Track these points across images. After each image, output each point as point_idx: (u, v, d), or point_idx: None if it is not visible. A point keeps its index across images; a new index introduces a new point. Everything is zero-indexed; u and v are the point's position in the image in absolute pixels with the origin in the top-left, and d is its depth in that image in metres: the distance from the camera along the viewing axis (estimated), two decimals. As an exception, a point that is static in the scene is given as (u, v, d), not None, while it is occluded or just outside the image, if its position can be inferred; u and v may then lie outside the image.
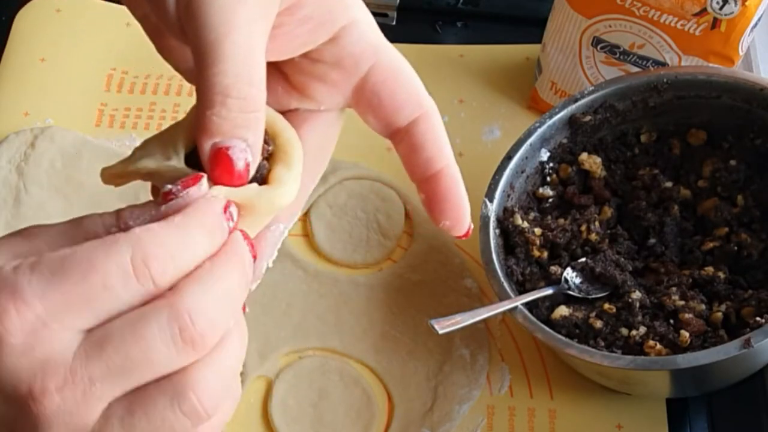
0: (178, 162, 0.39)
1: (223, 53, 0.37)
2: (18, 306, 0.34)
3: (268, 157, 0.41)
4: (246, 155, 0.38)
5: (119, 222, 0.37)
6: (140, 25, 0.43)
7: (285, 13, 0.40)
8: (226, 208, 0.38)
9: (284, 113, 0.44)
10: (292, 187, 0.41)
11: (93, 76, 0.92)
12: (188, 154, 0.40)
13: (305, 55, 0.43)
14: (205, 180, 0.38)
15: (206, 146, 0.38)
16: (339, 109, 0.45)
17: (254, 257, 0.39)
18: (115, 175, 0.41)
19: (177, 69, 0.44)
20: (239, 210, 0.39)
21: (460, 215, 0.44)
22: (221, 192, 0.39)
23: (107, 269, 0.35)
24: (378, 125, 0.44)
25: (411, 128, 0.43)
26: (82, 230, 0.37)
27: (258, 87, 0.38)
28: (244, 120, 0.38)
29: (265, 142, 0.41)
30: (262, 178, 0.40)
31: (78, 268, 0.35)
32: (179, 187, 0.37)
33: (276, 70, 0.44)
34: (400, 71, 0.43)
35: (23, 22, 0.95)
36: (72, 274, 0.35)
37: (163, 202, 0.37)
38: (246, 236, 0.39)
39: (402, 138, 0.44)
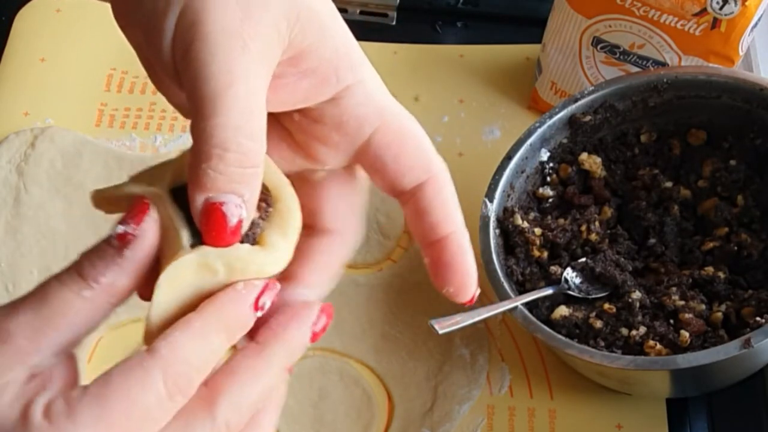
0: (161, 190, 0.38)
1: (223, 105, 0.35)
2: None
3: (266, 218, 0.39)
4: (240, 212, 0.36)
5: (88, 281, 0.36)
6: (135, 53, 0.42)
7: (287, 63, 0.39)
8: (256, 304, 0.37)
9: (294, 175, 0.42)
10: (285, 255, 0.39)
11: (93, 76, 0.92)
12: (176, 189, 0.38)
13: (306, 114, 0.41)
14: (152, 210, 0.37)
15: (198, 200, 0.36)
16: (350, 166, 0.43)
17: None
18: (104, 199, 0.40)
19: (170, 102, 0.42)
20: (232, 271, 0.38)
21: (465, 283, 0.43)
22: (212, 252, 0.37)
23: (146, 403, 0.35)
24: (384, 187, 0.42)
25: (417, 192, 0.42)
26: (55, 306, 0.36)
27: (258, 141, 0.36)
28: (242, 176, 0.36)
29: (266, 201, 0.39)
30: (254, 237, 0.38)
31: (118, 406, 0.35)
32: (132, 225, 0.36)
33: (281, 127, 0.42)
34: (407, 134, 0.41)
35: (23, 22, 0.95)
36: (114, 415, 0.35)
37: (122, 246, 0.36)
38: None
39: (407, 200, 0.42)
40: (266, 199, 0.39)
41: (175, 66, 0.37)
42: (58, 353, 0.37)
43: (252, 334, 0.39)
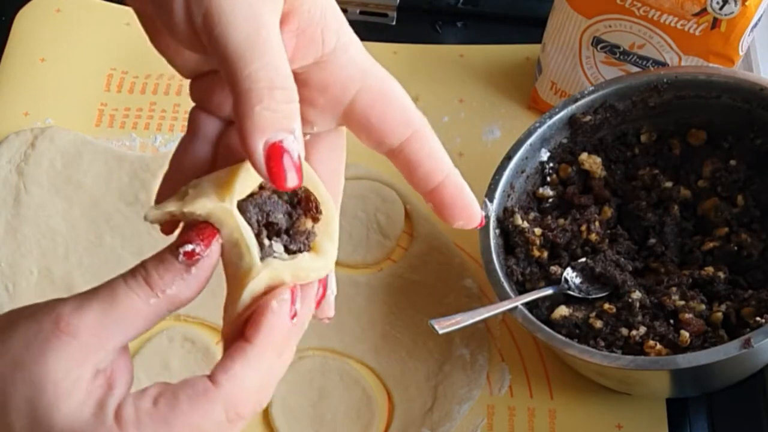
0: (230, 206, 0.40)
1: (260, 49, 0.37)
2: None
3: (317, 224, 0.42)
4: (297, 147, 0.38)
5: (155, 290, 0.39)
6: (138, 20, 0.43)
7: (281, 20, 0.40)
8: (292, 315, 0.40)
9: None
10: (333, 257, 0.42)
11: (93, 76, 0.92)
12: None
13: (293, 77, 0.42)
14: (219, 236, 0.39)
15: (259, 145, 0.37)
16: (335, 129, 0.45)
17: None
18: (167, 215, 0.41)
19: (172, 64, 0.44)
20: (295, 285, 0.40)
21: (471, 213, 0.45)
22: (279, 265, 0.40)
23: (207, 428, 0.38)
24: (371, 145, 0.44)
25: (404, 147, 0.44)
26: (122, 310, 0.39)
27: (291, 77, 0.38)
28: (291, 111, 0.38)
29: (317, 208, 0.41)
30: (308, 245, 0.41)
31: (181, 430, 0.38)
32: (201, 245, 0.39)
33: None
34: (389, 94, 0.43)
35: (23, 22, 0.95)
36: None
37: (189, 263, 0.39)
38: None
39: (397, 156, 0.44)
40: (317, 206, 0.41)
41: (193, 27, 0.38)
42: (118, 350, 0.39)
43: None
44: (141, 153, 0.87)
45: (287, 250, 0.41)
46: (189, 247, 0.39)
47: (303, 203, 0.41)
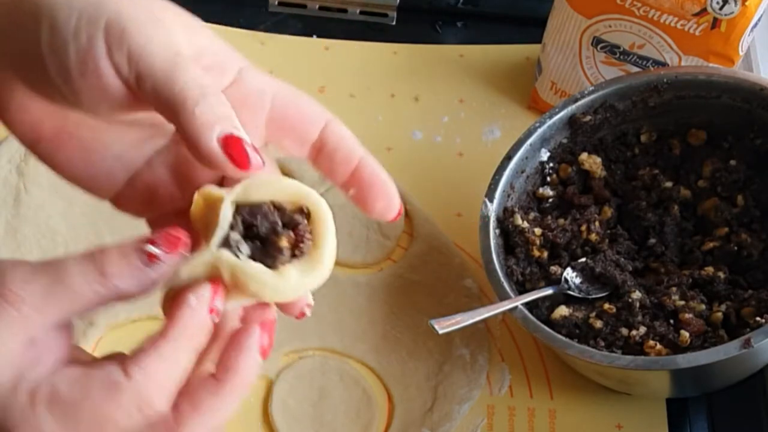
0: (225, 194, 0.41)
1: (182, 67, 0.40)
2: None
3: (301, 246, 0.42)
4: (245, 136, 0.40)
5: (105, 281, 0.39)
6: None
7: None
8: (212, 309, 0.40)
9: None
10: (291, 291, 0.42)
11: (93, 76, 0.92)
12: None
13: None
14: (182, 249, 0.40)
15: (211, 141, 0.40)
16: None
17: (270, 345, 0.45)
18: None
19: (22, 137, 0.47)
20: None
21: (389, 196, 0.46)
22: (227, 259, 0.40)
23: (118, 419, 0.39)
24: (295, 145, 0.46)
25: (324, 136, 0.45)
26: (69, 292, 0.39)
27: (218, 89, 0.42)
28: (227, 113, 0.40)
29: (302, 237, 0.41)
30: (276, 264, 0.41)
31: (92, 419, 0.39)
32: (164, 251, 0.40)
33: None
34: (295, 93, 0.46)
35: (23, 22, 0.95)
36: (86, 424, 0.39)
37: (148, 264, 0.40)
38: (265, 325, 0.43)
39: (319, 149, 0.46)
40: (305, 236, 0.41)
41: (122, 76, 0.41)
42: (56, 326, 0.40)
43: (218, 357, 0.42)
44: (141, 153, 0.87)
45: (256, 259, 0.41)
46: (154, 250, 0.40)
47: (297, 229, 0.42)
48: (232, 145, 0.40)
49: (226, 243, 0.40)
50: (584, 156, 0.80)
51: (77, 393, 0.39)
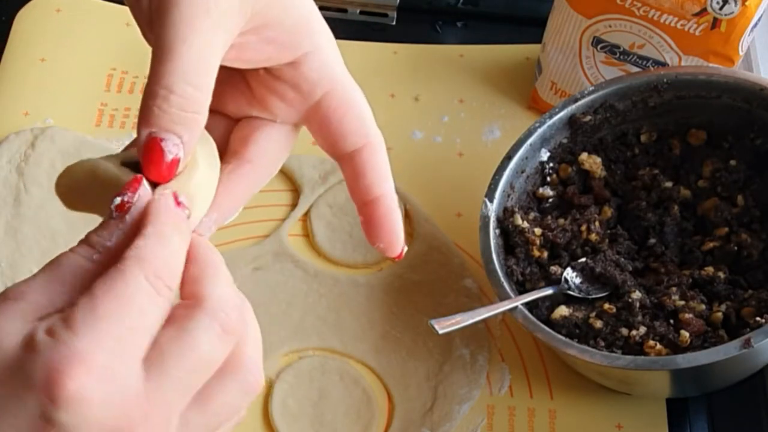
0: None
1: (176, 52, 0.40)
2: (84, 364, 0.36)
3: None
4: (178, 151, 0.40)
5: (96, 247, 0.39)
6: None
7: (251, 32, 0.43)
8: (176, 201, 0.41)
9: (243, 118, 0.47)
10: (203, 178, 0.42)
11: (93, 76, 0.92)
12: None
13: (268, 71, 0.46)
14: (145, 181, 0.40)
15: (143, 134, 0.40)
16: (293, 125, 0.48)
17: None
18: (66, 180, 0.43)
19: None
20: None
21: (393, 240, 0.47)
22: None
23: (134, 296, 0.37)
24: (325, 147, 0.47)
25: (355, 155, 0.46)
26: (67, 269, 0.39)
27: (202, 91, 0.40)
28: (182, 118, 0.40)
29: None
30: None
31: (111, 305, 0.37)
32: (129, 193, 0.40)
33: (242, 79, 0.47)
34: (352, 103, 0.46)
35: (23, 22, 0.95)
36: (109, 314, 0.37)
37: (122, 214, 0.40)
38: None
39: (346, 163, 0.47)
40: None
41: (151, 17, 0.41)
42: (68, 305, 0.39)
43: None
44: (141, 153, 0.87)
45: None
46: (118, 200, 0.40)
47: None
48: (149, 150, 0.40)
49: None
50: (584, 156, 0.80)
51: (86, 299, 0.37)
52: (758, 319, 0.67)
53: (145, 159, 0.40)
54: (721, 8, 0.76)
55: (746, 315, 0.69)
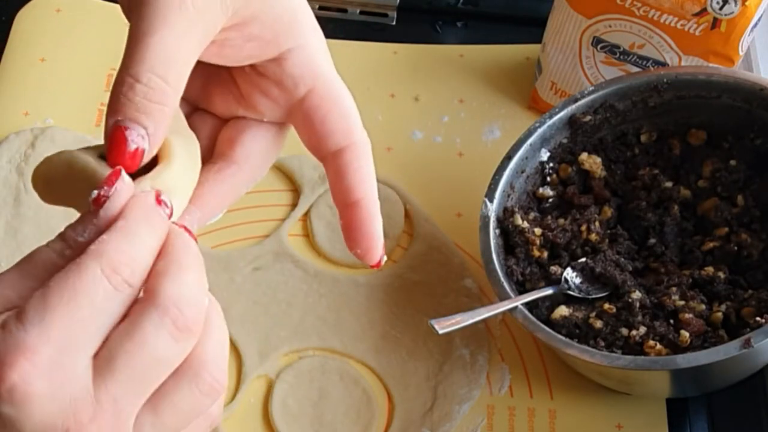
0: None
1: (145, 42, 0.40)
2: (28, 357, 0.35)
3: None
4: (141, 142, 0.40)
5: (68, 242, 0.39)
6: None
7: (232, 29, 0.43)
8: (158, 199, 0.40)
9: (231, 119, 0.47)
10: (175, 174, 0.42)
11: (93, 76, 0.92)
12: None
13: (254, 68, 0.46)
14: (125, 173, 0.40)
15: (109, 122, 0.40)
16: (280, 124, 0.48)
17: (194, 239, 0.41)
18: (42, 172, 0.42)
19: None
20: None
21: (371, 247, 0.47)
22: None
23: (88, 290, 0.36)
24: (309, 146, 0.47)
25: (337, 156, 0.46)
26: (39, 264, 0.39)
27: (170, 84, 0.40)
28: (147, 107, 0.40)
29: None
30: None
31: (62, 299, 0.36)
32: (105, 187, 0.39)
33: (230, 77, 0.47)
34: (336, 101, 0.46)
35: (23, 22, 0.95)
36: (60, 307, 0.36)
37: (97, 208, 0.39)
38: (181, 226, 0.41)
39: (329, 163, 0.46)
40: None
41: (129, 7, 0.41)
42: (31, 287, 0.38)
43: None
44: (141, 153, 0.87)
45: None
46: (95, 193, 0.39)
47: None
48: (114, 139, 0.40)
49: None
50: (584, 156, 0.80)
51: (41, 291, 0.37)
52: (758, 319, 0.67)
53: (109, 147, 0.40)
54: (721, 8, 0.76)
55: (746, 315, 0.69)
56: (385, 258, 0.47)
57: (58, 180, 0.43)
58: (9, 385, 0.35)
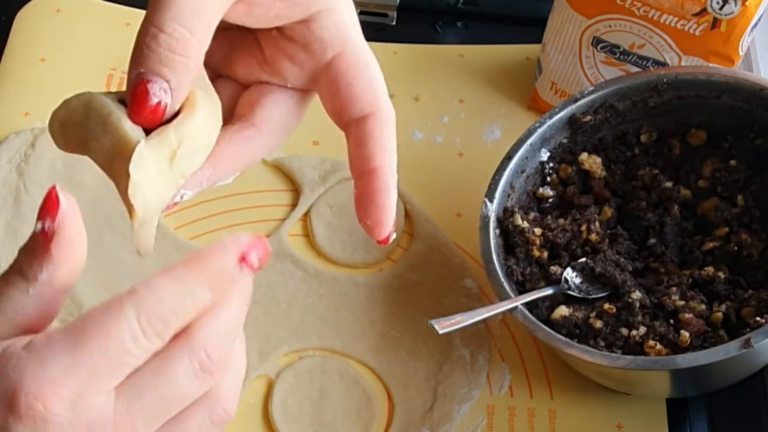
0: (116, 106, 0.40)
1: None
2: (54, 389, 0.36)
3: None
4: (164, 96, 0.40)
5: (29, 280, 0.38)
6: None
7: None
8: (242, 258, 0.39)
9: (254, 84, 0.46)
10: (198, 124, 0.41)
11: (93, 76, 0.92)
12: None
13: (280, 30, 0.45)
14: (63, 201, 0.39)
15: (132, 74, 0.40)
16: (304, 91, 0.47)
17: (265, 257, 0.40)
18: (61, 113, 0.42)
19: None
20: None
21: (381, 220, 0.45)
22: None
23: (120, 335, 0.37)
24: (332, 113, 0.45)
25: (360, 123, 0.44)
26: (8, 307, 0.38)
27: (195, 37, 0.40)
28: (170, 60, 0.39)
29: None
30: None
31: (94, 337, 0.37)
32: (48, 220, 0.38)
33: (255, 41, 0.46)
34: (363, 68, 0.44)
35: (23, 22, 0.95)
36: (90, 345, 0.37)
37: (46, 242, 0.38)
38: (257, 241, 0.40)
39: (351, 130, 0.45)
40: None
41: None
42: (12, 336, 0.38)
43: None
44: (141, 153, 0.87)
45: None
46: (39, 227, 0.39)
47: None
48: (135, 90, 0.40)
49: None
50: (584, 156, 0.80)
51: (75, 321, 0.37)
52: (758, 319, 0.67)
53: (131, 100, 0.40)
54: (721, 8, 0.76)
55: (746, 315, 0.69)
56: (394, 235, 0.45)
57: (75, 122, 0.42)
58: (30, 412, 0.36)
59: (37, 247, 0.39)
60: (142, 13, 0.42)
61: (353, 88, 0.44)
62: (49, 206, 0.39)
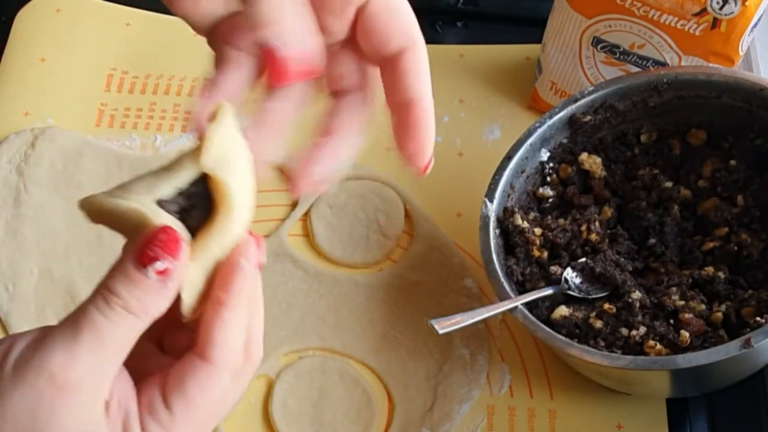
0: (146, 205, 0.40)
1: None
2: None
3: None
4: (290, 55, 0.42)
5: (140, 317, 0.40)
6: None
7: None
8: (259, 266, 0.43)
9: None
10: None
11: (93, 76, 0.92)
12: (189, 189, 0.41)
13: None
14: (182, 242, 0.40)
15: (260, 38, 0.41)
16: (362, 94, 0.48)
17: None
18: (94, 208, 0.41)
19: (190, 20, 0.46)
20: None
21: (420, 149, 0.46)
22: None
23: (220, 396, 0.42)
24: (369, 51, 0.46)
25: (397, 57, 0.46)
26: (113, 346, 0.40)
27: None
28: (283, 17, 0.41)
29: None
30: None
31: (203, 410, 0.42)
32: (170, 259, 0.40)
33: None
34: (397, 6, 0.47)
35: (23, 22, 0.95)
36: (199, 402, 0.42)
37: (163, 279, 0.40)
38: None
39: (388, 66, 0.46)
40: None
41: None
42: (116, 376, 0.41)
43: None
44: (141, 153, 0.87)
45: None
46: (160, 266, 0.40)
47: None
48: (267, 55, 0.41)
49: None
50: (584, 156, 0.80)
51: (181, 409, 0.41)
52: (758, 319, 0.67)
53: (270, 68, 0.41)
54: (721, 8, 0.76)
55: (746, 315, 0.69)
56: (431, 166, 0.47)
57: (106, 218, 0.42)
58: None
59: (149, 282, 0.40)
60: (142, 13, 0.42)
61: (390, 26, 0.46)
62: (170, 244, 0.40)
